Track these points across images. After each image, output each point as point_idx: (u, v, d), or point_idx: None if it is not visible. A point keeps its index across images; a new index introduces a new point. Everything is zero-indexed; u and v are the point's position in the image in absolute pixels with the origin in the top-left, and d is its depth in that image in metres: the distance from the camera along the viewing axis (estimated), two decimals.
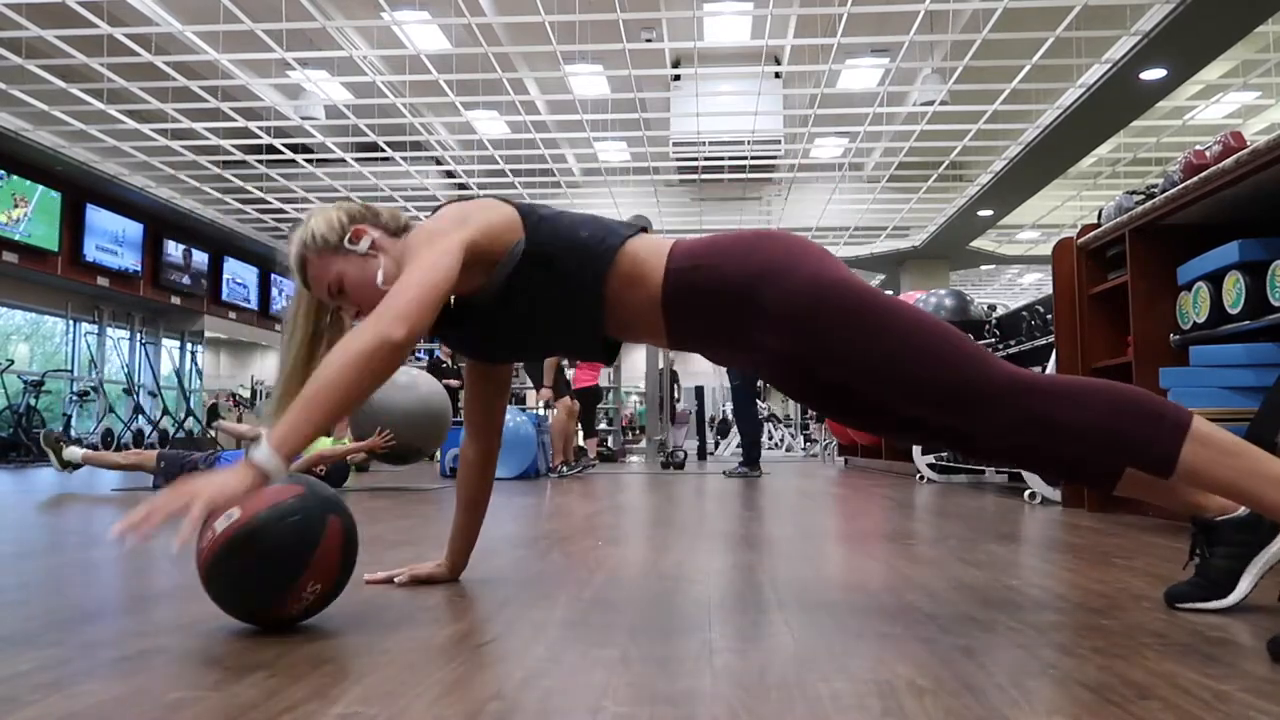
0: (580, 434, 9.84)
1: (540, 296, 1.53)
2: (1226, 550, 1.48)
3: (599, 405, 10.50)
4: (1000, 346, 5.25)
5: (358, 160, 11.64)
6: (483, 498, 1.83)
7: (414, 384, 5.15)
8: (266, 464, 1.25)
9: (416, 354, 11.12)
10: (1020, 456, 1.50)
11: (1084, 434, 1.32)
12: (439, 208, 1.57)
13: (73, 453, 5.02)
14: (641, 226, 1.60)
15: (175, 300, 13.63)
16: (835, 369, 1.43)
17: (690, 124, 10.61)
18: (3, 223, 10.29)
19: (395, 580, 1.79)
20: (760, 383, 19.99)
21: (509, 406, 1.87)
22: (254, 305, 15.82)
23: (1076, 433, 1.32)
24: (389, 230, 1.58)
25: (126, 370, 12.69)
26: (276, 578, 1.32)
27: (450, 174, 13.13)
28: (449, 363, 10.59)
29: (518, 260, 1.50)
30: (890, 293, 1.50)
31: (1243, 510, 1.47)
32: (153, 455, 4.99)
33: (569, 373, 10.86)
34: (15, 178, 10.44)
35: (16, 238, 10.49)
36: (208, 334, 14.76)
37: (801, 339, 1.42)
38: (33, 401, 10.39)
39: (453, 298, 1.56)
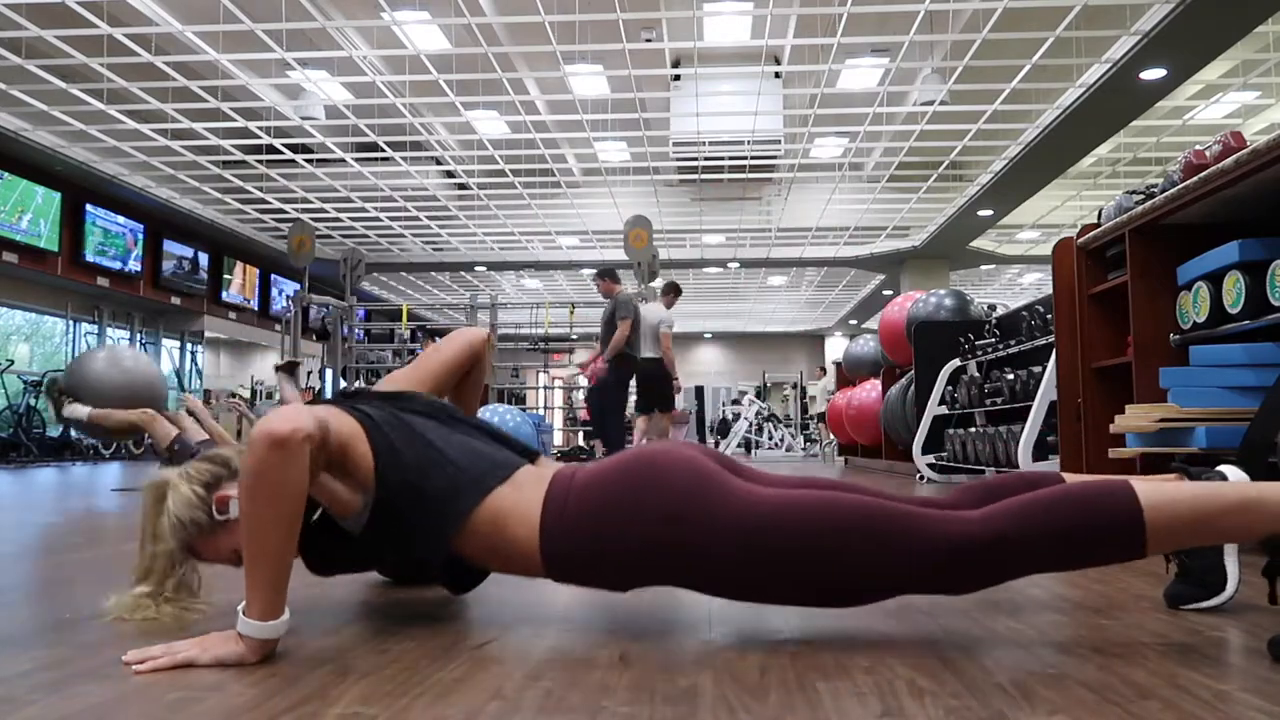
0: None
1: (396, 540, 1.41)
2: (1200, 548, 1.49)
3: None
4: (1000, 346, 5.25)
5: (358, 160, 11.64)
6: None
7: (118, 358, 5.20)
8: (257, 635, 1.19)
9: None
10: None
11: (1046, 566, 1.29)
12: None
13: (76, 410, 4.77)
14: (513, 465, 1.42)
15: (175, 300, 13.63)
16: (766, 592, 1.34)
17: (690, 124, 10.60)
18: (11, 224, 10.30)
19: None
20: (758, 385, 19.93)
21: (509, 407, 1.85)
22: (254, 305, 15.82)
23: (1040, 567, 1.29)
24: None
25: None
26: None
27: (450, 174, 13.13)
28: None
29: (367, 514, 1.38)
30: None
31: None
32: (168, 428, 4.76)
33: (582, 380, 10.93)
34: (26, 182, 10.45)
35: (18, 238, 10.50)
36: (208, 334, 14.76)
37: (727, 582, 1.33)
38: (33, 401, 10.39)
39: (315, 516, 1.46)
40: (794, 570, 1.28)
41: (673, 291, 8.09)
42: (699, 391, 12.73)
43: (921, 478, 5.92)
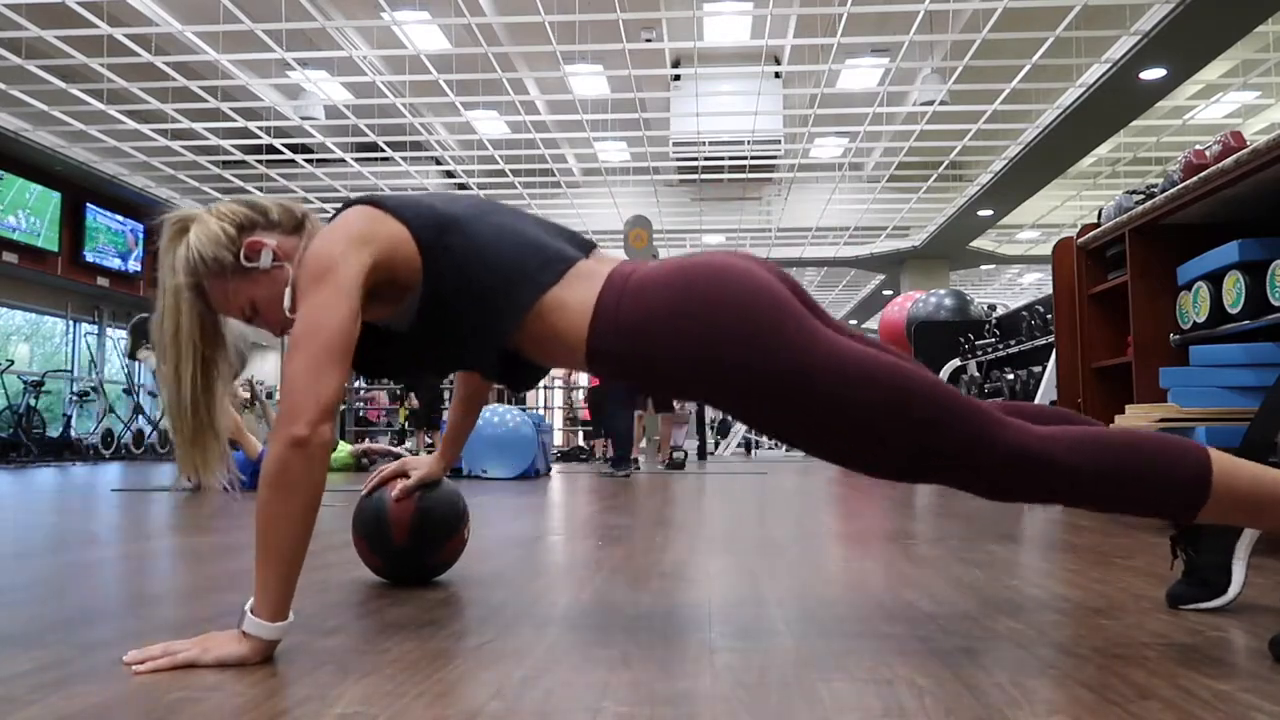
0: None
1: (445, 334, 1.35)
2: (1208, 545, 1.48)
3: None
4: (1000, 346, 5.26)
5: (358, 160, 11.64)
6: (467, 425, 1.81)
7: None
8: (265, 634, 1.17)
9: None
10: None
11: (1091, 503, 1.25)
12: (343, 208, 1.36)
13: (151, 358, 5.00)
14: (569, 260, 1.33)
15: None
16: (811, 443, 1.28)
17: (690, 124, 10.60)
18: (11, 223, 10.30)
19: (400, 488, 1.76)
20: None
21: (510, 406, 1.84)
22: None
23: (1084, 502, 1.25)
24: (285, 229, 1.37)
25: (126, 370, 12.69)
26: None
27: (450, 174, 13.13)
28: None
29: (415, 306, 1.33)
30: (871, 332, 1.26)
31: None
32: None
33: (584, 375, 10.94)
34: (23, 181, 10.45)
35: (15, 237, 10.51)
36: None
37: (772, 422, 1.29)
38: (33, 401, 10.39)
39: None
40: (843, 418, 1.22)
41: None
42: None
43: None
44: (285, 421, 1.18)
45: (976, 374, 5.59)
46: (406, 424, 10.55)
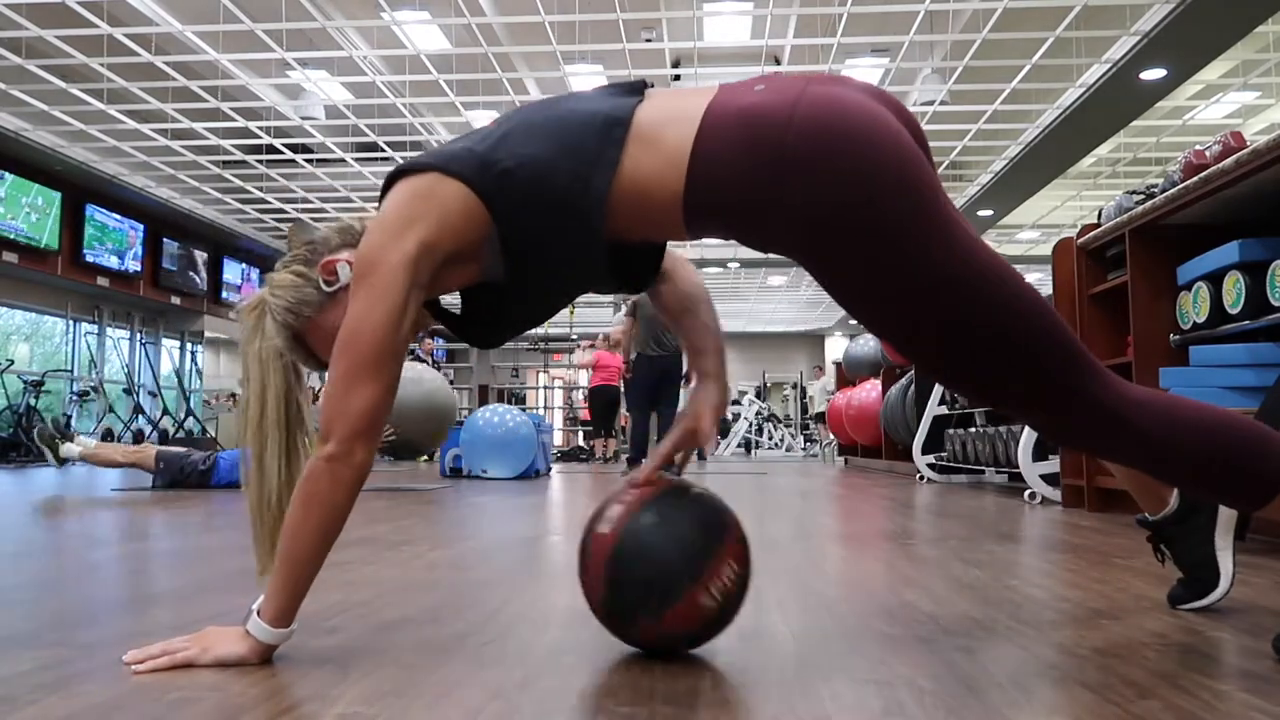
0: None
1: (540, 265, 1.25)
2: (1185, 543, 1.48)
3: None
4: None
5: (358, 160, 11.63)
6: None
7: (419, 379, 5.05)
8: (263, 638, 1.17)
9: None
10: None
11: (1155, 471, 1.21)
12: (390, 183, 1.24)
13: (69, 449, 5.01)
14: (625, 115, 1.19)
15: (175, 300, 13.63)
16: (898, 337, 1.17)
17: None
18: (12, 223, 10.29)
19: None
20: (758, 385, 19.93)
21: (510, 407, 1.80)
22: None
23: (1149, 468, 1.21)
24: (349, 244, 1.33)
25: (126, 370, 12.69)
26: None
27: None
28: (428, 361, 10.70)
29: (499, 250, 1.23)
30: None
31: (1173, 500, 1.49)
32: (152, 453, 4.99)
33: (584, 375, 10.97)
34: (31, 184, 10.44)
35: (14, 237, 10.50)
36: (208, 334, 14.75)
37: (865, 307, 1.17)
38: (33, 401, 10.39)
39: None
40: (956, 329, 1.11)
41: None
42: None
43: (921, 478, 5.92)
44: (321, 438, 1.17)
45: None
46: None
